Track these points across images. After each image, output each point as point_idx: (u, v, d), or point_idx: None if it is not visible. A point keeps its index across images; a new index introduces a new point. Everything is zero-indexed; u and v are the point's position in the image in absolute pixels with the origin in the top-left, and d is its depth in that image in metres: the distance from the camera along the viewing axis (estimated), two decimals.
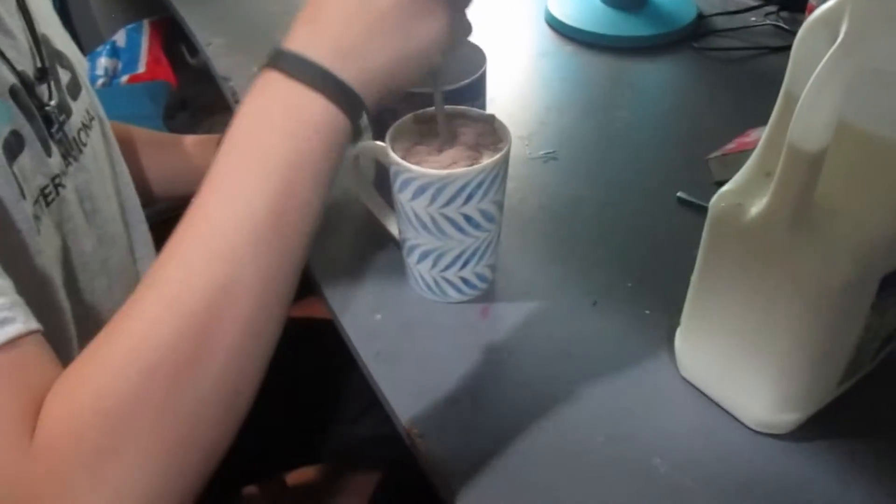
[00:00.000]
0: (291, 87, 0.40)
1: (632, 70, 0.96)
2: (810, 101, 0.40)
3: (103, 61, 1.90)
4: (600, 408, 0.54)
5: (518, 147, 0.80)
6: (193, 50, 1.87)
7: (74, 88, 0.62)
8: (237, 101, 0.91)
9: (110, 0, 1.97)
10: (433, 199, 0.55)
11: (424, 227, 0.57)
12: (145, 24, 1.95)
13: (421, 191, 0.55)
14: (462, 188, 0.55)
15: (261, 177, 0.39)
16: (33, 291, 0.44)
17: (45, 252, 0.52)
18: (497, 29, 1.06)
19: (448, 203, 0.55)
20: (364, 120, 0.43)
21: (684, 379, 0.56)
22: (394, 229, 0.64)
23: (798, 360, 0.48)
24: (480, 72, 0.66)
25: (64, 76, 0.60)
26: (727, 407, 0.53)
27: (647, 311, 0.61)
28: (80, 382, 0.38)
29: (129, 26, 1.95)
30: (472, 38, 0.70)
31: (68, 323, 0.56)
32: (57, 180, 0.55)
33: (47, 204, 0.54)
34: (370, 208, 0.66)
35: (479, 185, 0.55)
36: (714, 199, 0.48)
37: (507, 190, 0.59)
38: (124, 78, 1.89)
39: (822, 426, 0.52)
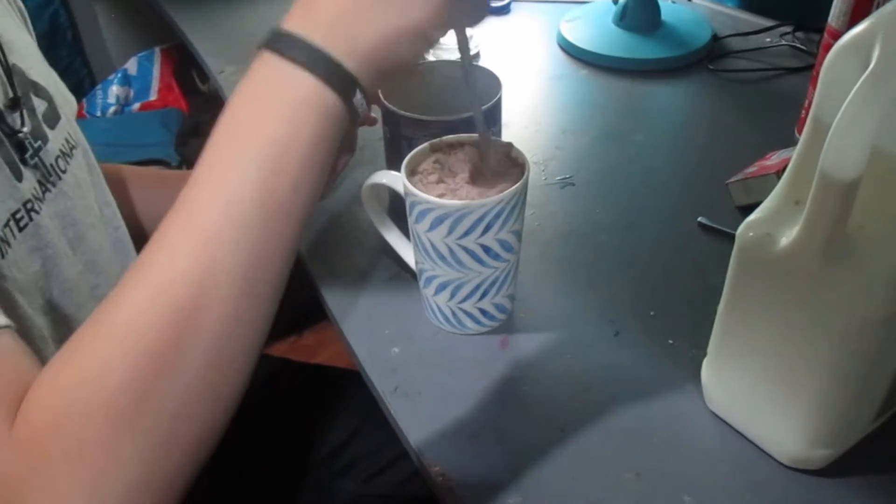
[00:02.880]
0: (282, 67, 0.39)
1: (647, 93, 0.95)
2: (843, 128, 0.38)
3: (115, 89, 1.91)
4: (627, 443, 0.53)
5: (534, 173, 0.79)
6: (204, 76, 1.87)
7: (52, 117, 0.62)
8: None
9: (122, 29, 1.98)
10: (451, 230, 0.54)
11: (442, 258, 0.56)
12: (156, 51, 1.97)
13: (438, 222, 0.54)
14: (480, 219, 0.54)
15: (247, 158, 0.38)
16: None
17: (14, 276, 0.52)
18: (509, 53, 1.05)
19: (466, 234, 0.54)
20: (360, 100, 0.41)
21: (712, 412, 0.54)
22: (410, 260, 0.63)
23: (833, 395, 0.46)
24: (496, 99, 0.65)
25: (40, 105, 0.60)
26: (758, 441, 0.52)
27: (671, 341, 0.60)
28: (65, 373, 0.37)
29: (141, 54, 1.96)
30: (486, 65, 0.70)
31: (47, 349, 0.55)
32: (29, 205, 0.55)
33: (20, 229, 0.53)
34: (386, 239, 0.65)
35: (498, 216, 0.54)
36: (741, 228, 0.47)
37: (525, 217, 0.58)
38: (136, 106, 1.90)
39: (857, 462, 0.50)
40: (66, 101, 0.66)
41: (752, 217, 0.47)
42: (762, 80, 0.95)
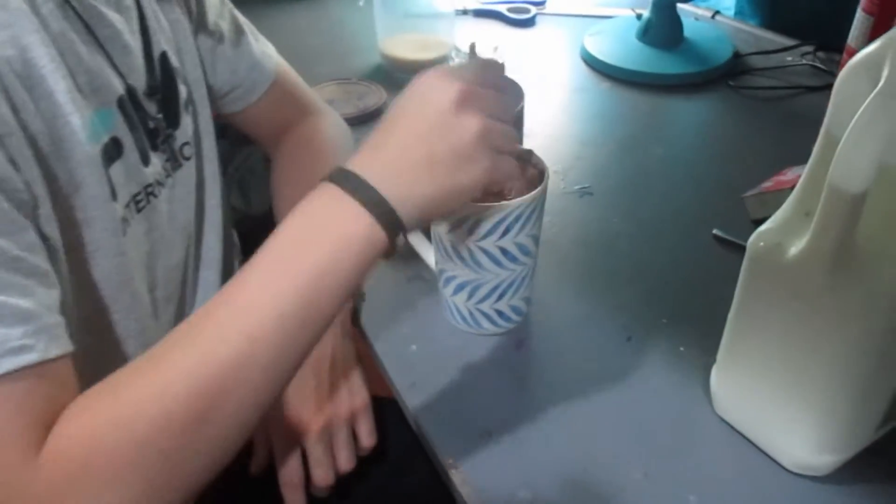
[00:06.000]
0: (343, 200, 0.45)
1: (668, 107, 0.97)
2: (852, 143, 0.40)
3: None
4: (636, 445, 0.54)
5: (553, 181, 0.81)
6: None
7: (189, 102, 0.65)
8: None
9: None
10: (470, 232, 0.56)
11: (461, 259, 0.58)
12: None
13: (458, 223, 0.56)
14: (500, 222, 0.55)
15: (296, 273, 0.44)
16: (112, 287, 0.53)
17: (130, 254, 0.56)
18: (534, 65, 1.07)
19: (485, 236, 0.56)
20: (401, 238, 0.48)
21: (720, 417, 0.55)
22: (430, 261, 0.65)
23: (838, 402, 0.47)
24: (519, 108, 0.67)
25: (182, 91, 0.64)
26: (764, 447, 0.53)
27: (682, 348, 0.61)
28: (101, 410, 0.41)
29: None
30: (510, 75, 0.71)
31: (149, 327, 0.60)
32: (150, 189, 0.59)
33: (138, 210, 0.58)
34: (407, 239, 0.66)
35: (517, 219, 0.56)
36: (753, 237, 0.48)
37: (543, 224, 0.60)
38: None
39: (861, 468, 0.51)
40: (195, 80, 0.68)
41: (763, 227, 0.48)
42: (782, 97, 0.96)
